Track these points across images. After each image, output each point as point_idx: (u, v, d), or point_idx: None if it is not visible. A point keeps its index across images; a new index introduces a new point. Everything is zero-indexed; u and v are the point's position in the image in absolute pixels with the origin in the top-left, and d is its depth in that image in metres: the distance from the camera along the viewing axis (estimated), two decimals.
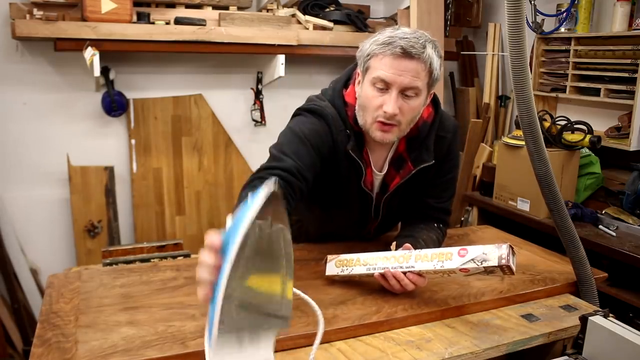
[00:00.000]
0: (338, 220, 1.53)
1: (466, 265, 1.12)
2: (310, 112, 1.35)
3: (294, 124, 1.34)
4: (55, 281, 1.30)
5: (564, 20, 2.48)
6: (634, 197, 2.19)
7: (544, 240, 1.81)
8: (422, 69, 1.23)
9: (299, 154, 1.26)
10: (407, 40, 1.20)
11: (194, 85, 2.89)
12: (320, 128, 1.32)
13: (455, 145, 1.47)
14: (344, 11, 2.91)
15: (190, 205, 2.91)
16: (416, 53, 1.20)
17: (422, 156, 1.38)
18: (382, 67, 1.23)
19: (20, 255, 2.55)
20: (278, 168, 1.22)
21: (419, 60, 1.21)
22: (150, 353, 0.99)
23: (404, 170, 1.40)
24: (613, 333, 1.04)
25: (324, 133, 1.32)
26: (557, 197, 1.24)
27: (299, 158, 1.25)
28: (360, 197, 1.43)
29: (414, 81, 1.22)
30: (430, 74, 1.25)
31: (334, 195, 1.43)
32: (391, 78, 1.22)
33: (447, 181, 1.49)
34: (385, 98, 1.24)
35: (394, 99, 1.23)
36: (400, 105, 1.24)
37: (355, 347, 1.07)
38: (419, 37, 1.23)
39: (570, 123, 2.32)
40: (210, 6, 2.70)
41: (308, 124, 1.32)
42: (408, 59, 1.21)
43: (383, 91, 1.24)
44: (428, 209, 1.49)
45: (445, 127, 1.43)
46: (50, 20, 2.27)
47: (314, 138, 1.30)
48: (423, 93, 1.27)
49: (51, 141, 2.64)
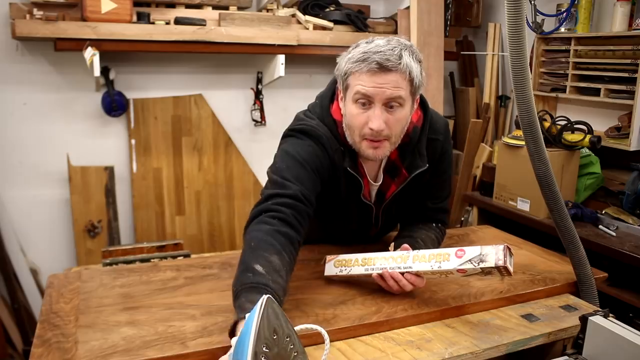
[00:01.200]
0: (339, 231, 1.54)
1: (463, 266, 1.12)
2: (304, 133, 1.31)
3: (289, 147, 1.30)
4: (55, 281, 1.30)
5: (564, 20, 2.48)
6: (634, 197, 2.19)
7: (544, 240, 1.81)
8: (402, 79, 1.20)
9: (300, 178, 1.23)
10: (381, 54, 1.18)
11: (194, 85, 2.89)
12: (317, 150, 1.29)
13: (447, 144, 1.46)
14: (344, 11, 2.91)
15: (190, 205, 2.91)
16: (393, 65, 1.18)
17: (416, 162, 1.37)
18: (360, 83, 1.21)
19: (20, 255, 2.55)
20: (285, 196, 1.19)
21: (397, 72, 1.19)
22: (150, 353, 0.99)
23: (399, 178, 1.39)
24: (613, 333, 1.04)
25: (321, 155, 1.30)
26: (557, 197, 1.24)
27: (302, 183, 1.22)
28: (361, 209, 1.43)
29: (396, 91, 1.20)
30: (412, 82, 1.22)
31: (336, 210, 1.42)
32: (372, 92, 1.20)
33: (442, 181, 1.49)
34: (369, 114, 1.21)
35: (378, 114, 1.20)
36: (385, 119, 1.21)
37: (355, 347, 1.07)
38: (394, 47, 1.20)
39: (570, 123, 2.32)
40: (210, 6, 2.70)
41: (305, 146, 1.29)
42: (386, 72, 1.18)
43: (366, 107, 1.22)
44: (426, 210, 1.49)
45: (436, 129, 1.41)
46: (50, 20, 2.27)
47: (312, 161, 1.27)
48: (407, 102, 1.24)
49: (51, 141, 2.64)
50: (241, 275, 1.06)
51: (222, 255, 1.51)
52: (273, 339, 0.81)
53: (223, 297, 1.23)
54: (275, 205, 1.16)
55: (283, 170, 1.24)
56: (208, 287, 1.29)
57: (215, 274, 1.37)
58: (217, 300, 1.21)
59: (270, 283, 1.03)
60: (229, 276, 1.35)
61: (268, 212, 1.15)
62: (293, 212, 1.17)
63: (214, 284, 1.30)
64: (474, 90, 3.22)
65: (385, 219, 1.50)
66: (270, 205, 1.17)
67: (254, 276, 1.04)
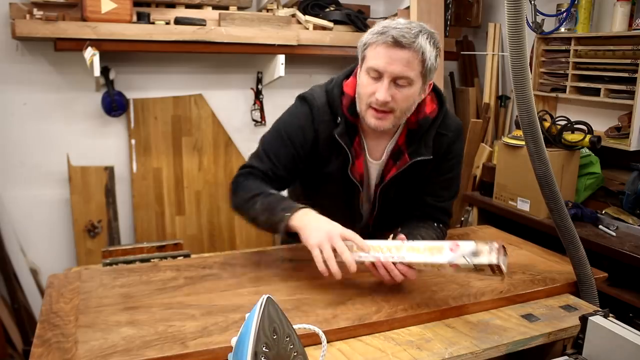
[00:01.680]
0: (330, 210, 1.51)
1: (456, 260, 1.11)
2: (302, 99, 1.45)
3: (283, 118, 1.48)
4: (55, 281, 1.30)
5: (564, 20, 2.48)
6: (634, 197, 2.19)
7: (544, 240, 1.81)
8: (414, 58, 1.25)
9: (278, 155, 1.42)
10: (398, 30, 1.24)
11: (194, 85, 2.89)
12: (304, 120, 1.42)
13: (456, 145, 1.47)
14: (344, 11, 2.91)
15: (190, 205, 2.91)
16: (407, 42, 1.23)
17: (420, 150, 1.40)
18: (375, 56, 1.27)
19: (20, 255, 2.55)
20: (257, 168, 1.42)
21: (410, 50, 1.24)
22: (150, 353, 0.99)
23: (400, 161, 1.42)
24: (613, 333, 1.04)
25: (306, 125, 1.41)
26: (557, 197, 1.24)
27: (277, 159, 1.41)
28: (345, 186, 1.45)
29: (405, 71, 1.25)
30: (424, 63, 1.27)
31: (322, 183, 1.49)
32: (382, 67, 1.26)
33: (445, 180, 1.49)
34: (377, 86, 1.28)
35: (385, 87, 1.26)
36: (392, 94, 1.27)
37: (355, 347, 1.07)
38: (413, 27, 1.26)
39: (570, 123, 2.32)
40: (210, 6, 2.70)
41: (294, 117, 1.44)
42: (399, 48, 1.24)
43: (376, 79, 1.28)
44: (426, 206, 1.49)
45: (447, 126, 1.44)
46: (50, 20, 2.27)
47: (295, 135, 1.41)
48: (417, 83, 1.29)
49: (51, 141, 2.64)
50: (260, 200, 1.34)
51: (222, 255, 1.51)
52: (273, 339, 0.81)
53: (223, 297, 1.23)
54: (249, 174, 1.43)
55: (266, 144, 1.46)
56: (208, 287, 1.29)
57: (215, 274, 1.37)
58: (217, 300, 1.21)
59: None
60: (229, 276, 1.35)
61: (244, 176, 1.43)
62: (261, 180, 1.40)
63: (214, 284, 1.31)
64: (474, 90, 3.22)
65: (382, 203, 1.49)
66: (246, 170, 1.44)
67: (275, 195, 1.35)
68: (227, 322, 1.11)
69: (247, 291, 1.27)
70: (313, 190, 1.54)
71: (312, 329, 0.91)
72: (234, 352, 0.84)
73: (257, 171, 1.41)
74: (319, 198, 1.51)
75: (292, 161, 1.42)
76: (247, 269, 1.40)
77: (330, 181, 1.47)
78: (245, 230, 3.05)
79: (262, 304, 0.82)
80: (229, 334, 1.05)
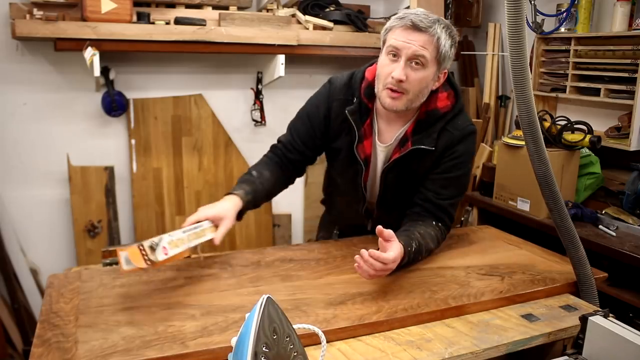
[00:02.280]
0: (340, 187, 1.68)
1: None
2: (329, 81, 1.60)
3: (309, 100, 1.63)
4: (55, 281, 1.30)
5: (564, 20, 2.48)
6: (634, 197, 2.19)
7: (544, 240, 1.81)
8: (430, 41, 1.35)
9: (297, 130, 1.60)
10: (417, 16, 1.36)
11: (194, 85, 2.89)
12: (322, 97, 1.58)
13: (461, 146, 1.49)
14: (344, 11, 2.91)
15: (190, 205, 2.91)
16: (424, 26, 1.34)
17: (423, 140, 1.47)
18: (394, 37, 1.38)
19: (20, 255, 2.55)
20: (281, 142, 1.63)
21: (426, 33, 1.34)
22: (150, 353, 0.99)
23: (404, 147, 1.48)
24: (613, 333, 1.04)
25: (322, 101, 1.57)
26: (557, 197, 1.24)
27: (297, 134, 1.59)
28: (354, 163, 1.54)
29: (421, 50, 1.35)
30: (438, 48, 1.36)
31: (333, 158, 1.63)
32: (400, 45, 1.36)
33: (446, 179, 1.50)
34: (394, 66, 1.37)
35: (402, 66, 1.36)
36: (407, 73, 1.36)
37: (355, 347, 1.07)
38: (431, 16, 1.37)
39: (570, 123, 2.32)
40: (210, 6, 2.70)
41: (315, 97, 1.61)
42: (417, 31, 1.35)
43: (394, 60, 1.38)
44: (426, 201, 1.51)
45: (456, 125, 1.49)
46: (50, 20, 2.27)
47: (312, 112, 1.58)
48: (431, 67, 1.38)
49: (51, 141, 2.64)
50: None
51: (222, 255, 1.51)
52: (273, 339, 0.81)
53: (223, 297, 1.23)
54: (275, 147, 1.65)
55: (293, 120, 1.64)
56: (208, 287, 1.29)
57: (215, 274, 1.37)
58: (217, 300, 1.21)
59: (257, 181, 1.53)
60: (229, 276, 1.35)
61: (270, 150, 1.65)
62: (282, 154, 1.61)
63: (214, 284, 1.31)
64: (474, 90, 3.22)
65: (386, 188, 1.56)
66: (272, 145, 1.66)
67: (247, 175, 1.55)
68: (227, 322, 1.11)
69: (247, 291, 1.27)
70: (330, 165, 1.70)
71: (312, 329, 0.91)
72: (234, 352, 0.84)
73: (280, 145, 1.63)
74: (334, 174, 1.69)
75: (309, 136, 1.58)
76: (247, 269, 1.40)
77: (339, 157, 1.59)
78: (245, 230, 3.05)
79: (262, 304, 0.82)
80: (229, 334, 1.05)
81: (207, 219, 1.40)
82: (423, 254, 1.43)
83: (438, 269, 1.43)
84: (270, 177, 1.56)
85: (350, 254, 1.50)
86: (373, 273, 1.20)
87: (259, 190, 1.52)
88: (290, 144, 1.60)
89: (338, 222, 1.81)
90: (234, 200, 1.46)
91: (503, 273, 1.41)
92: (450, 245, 1.61)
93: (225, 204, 1.44)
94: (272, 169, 1.58)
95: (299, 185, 3.21)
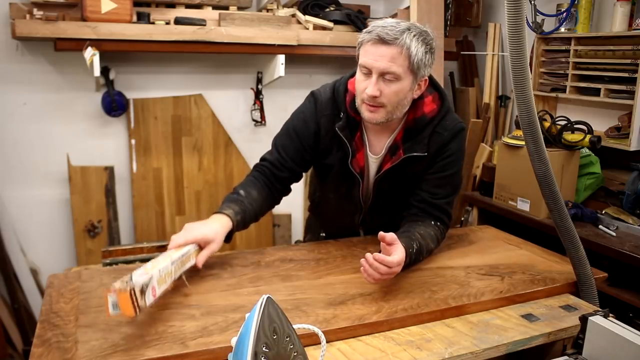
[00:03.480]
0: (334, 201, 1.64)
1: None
2: (311, 94, 1.56)
3: (293, 116, 1.58)
4: (55, 281, 1.30)
5: (564, 20, 2.48)
6: (634, 197, 2.19)
7: (544, 240, 1.81)
8: (399, 53, 1.32)
9: (285, 147, 1.54)
10: (383, 29, 1.32)
11: (194, 85, 2.89)
12: (308, 112, 1.53)
13: (452, 146, 1.49)
14: (344, 11, 2.91)
15: (190, 205, 2.91)
16: (389, 39, 1.31)
17: (414, 147, 1.47)
18: (364, 54, 1.36)
19: (20, 255, 2.55)
20: (267, 160, 1.56)
21: (394, 46, 1.31)
22: (150, 353, 0.99)
23: (396, 156, 1.48)
24: (613, 333, 1.04)
25: (310, 118, 1.52)
26: (557, 197, 1.24)
27: (285, 152, 1.54)
28: (347, 178, 1.52)
29: (390, 66, 1.32)
30: (409, 59, 1.33)
31: (325, 174, 1.59)
32: (370, 63, 1.34)
33: (440, 178, 1.51)
34: (367, 82, 1.36)
35: (373, 82, 1.35)
36: (381, 88, 1.35)
37: (355, 347, 1.07)
38: (400, 26, 1.33)
39: (570, 123, 2.32)
40: (210, 6, 2.70)
41: (300, 112, 1.56)
42: (384, 44, 1.32)
43: (368, 76, 1.36)
44: (422, 202, 1.51)
45: (445, 126, 1.48)
46: (50, 20, 2.27)
47: (301, 129, 1.53)
48: (405, 78, 1.35)
49: (51, 141, 2.64)
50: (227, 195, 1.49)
51: (222, 255, 1.51)
52: (273, 339, 0.81)
53: (223, 297, 1.23)
54: (261, 166, 1.57)
55: (277, 137, 1.58)
56: (208, 287, 1.29)
57: (215, 274, 1.37)
58: (217, 300, 1.21)
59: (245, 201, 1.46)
60: (229, 276, 1.35)
61: (255, 169, 1.58)
62: (271, 174, 1.54)
63: (214, 284, 1.31)
64: (474, 90, 3.22)
65: (377, 194, 1.55)
66: (257, 164, 1.58)
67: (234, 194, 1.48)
68: (227, 322, 1.11)
69: (247, 291, 1.27)
70: (321, 180, 1.65)
71: (312, 329, 0.91)
72: (234, 352, 0.84)
73: (266, 163, 1.55)
74: (325, 189, 1.65)
75: (298, 153, 1.54)
76: (247, 269, 1.40)
77: (332, 172, 1.56)
78: (245, 231, 3.04)
79: (262, 304, 0.82)
80: (229, 334, 1.05)
81: (196, 241, 1.31)
82: (424, 254, 1.43)
83: (438, 269, 1.43)
84: (258, 197, 1.50)
85: (350, 254, 1.50)
86: (378, 277, 1.20)
87: (248, 211, 1.46)
88: (278, 162, 1.54)
89: (326, 227, 1.79)
90: (223, 220, 1.39)
91: (503, 273, 1.41)
92: (450, 245, 1.61)
93: (215, 224, 1.36)
94: (260, 189, 1.51)
95: (299, 185, 3.20)
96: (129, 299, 0.99)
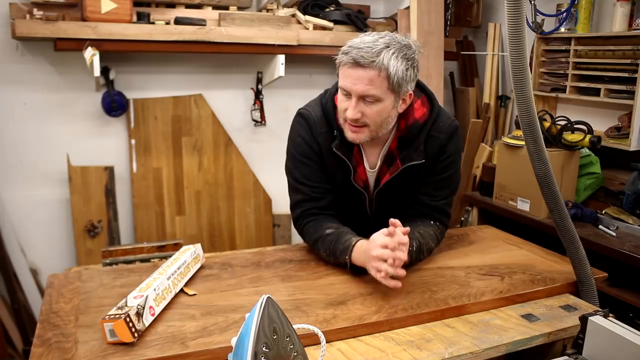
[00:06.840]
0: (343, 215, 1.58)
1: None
2: (300, 115, 1.50)
3: (290, 140, 1.51)
4: (55, 281, 1.30)
5: (564, 20, 2.48)
6: (634, 197, 2.19)
7: (544, 240, 1.81)
8: (376, 76, 1.27)
9: (307, 176, 1.47)
10: (359, 51, 1.27)
11: (194, 85, 2.89)
12: (306, 136, 1.47)
13: (450, 146, 1.48)
14: (344, 11, 2.91)
15: (190, 205, 2.91)
16: (365, 62, 1.26)
17: (411, 155, 1.43)
18: (342, 76, 1.33)
19: (20, 255, 2.55)
20: (302, 201, 1.48)
21: (370, 68, 1.27)
22: (150, 353, 0.99)
23: (393, 167, 1.45)
24: (613, 333, 1.04)
25: (310, 139, 1.47)
26: (557, 197, 1.24)
27: (310, 180, 1.47)
28: (353, 193, 1.49)
29: (368, 89, 1.29)
30: (389, 79, 1.28)
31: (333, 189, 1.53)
32: (348, 87, 1.31)
33: (439, 181, 1.50)
34: (348, 104, 1.33)
35: (353, 105, 1.31)
36: (362, 110, 1.32)
37: (355, 347, 1.07)
38: (377, 45, 1.27)
39: (570, 123, 2.32)
40: (210, 6, 2.70)
41: (297, 135, 1.49)
42: (360, 68, 1.28)
43: (347, 97, 1.33)
44: (422, 205, 1.51)
45: (439, 128, 1.46)
46: (50, 20, 2.27)
47: (307, 151, 1.47)
48: (386, 98, 1.32)
49: (51, 141, 2.64)
50: (323, 242, 1.41)
51: (222, 255, 1.51)
52: (273, 339, 0.81)
53: (223, 297, 1.23)
54: (303, 212, 1.48)
55: (293, 171, 1.49)
56: (208, 287, 1.29)
57: (215, 274, 1.37)
58: (217, 300, 1.21)
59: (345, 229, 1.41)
60: (229, 276, 1.35)
61: (296, 216, 1.50)
62: (316, 209, 1.46)
63: (214, 284, 1.31)
64: (474, 90, 3.22)
65: (379, 207, 1.53)
66: (297, 213, 1.49)
67: (333, 235, 1.40)
68: (227, 322, 1.11)
69: (247, 291, 1.27)
70: None
71: (312, 329, 0.91)
72: (234, 352, 0.84)
73: (306, 204, 1.47)
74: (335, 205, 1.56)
75: (320, 173, 1.48)
76: (247, 269, 1.40)
77: (338, 189, 1.51)
78: (245, 231, 3.05)
79: (262, 304, 0.82)
80: (229, 334, 1.05)
81: None
82: (424, 253, 1.43)
83: (438, 269, 1.43)
84: (340, 224, 1.46)
85: None
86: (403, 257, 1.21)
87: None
88: (314, 192, 1.47)
89: None
90: None
91: (503, 273, 1.41)
92: (450, 245, 1.61)
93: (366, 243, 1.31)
94: (331, 224, 1.44)
95: None
96: (124, 325, 0.99)
